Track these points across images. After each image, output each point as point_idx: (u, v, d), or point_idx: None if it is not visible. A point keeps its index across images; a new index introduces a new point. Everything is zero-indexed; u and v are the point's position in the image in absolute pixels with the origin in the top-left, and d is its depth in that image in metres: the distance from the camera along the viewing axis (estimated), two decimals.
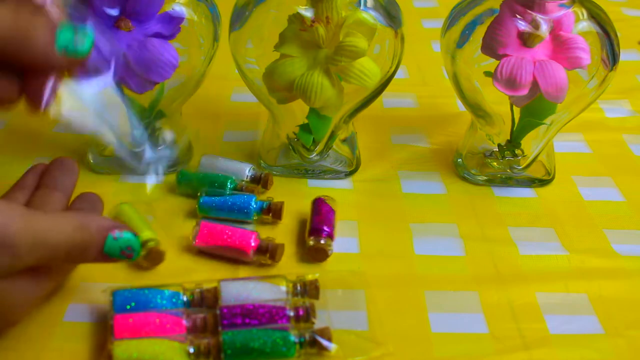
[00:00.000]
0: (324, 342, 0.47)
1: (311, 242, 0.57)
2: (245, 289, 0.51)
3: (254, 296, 0.50)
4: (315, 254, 0.57)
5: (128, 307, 0.49)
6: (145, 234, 0.55)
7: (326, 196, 0.61)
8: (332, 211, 0.60)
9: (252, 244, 0.56)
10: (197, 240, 0.56)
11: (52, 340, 0.49)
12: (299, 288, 0.52)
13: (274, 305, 0.49)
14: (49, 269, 0.45)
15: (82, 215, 0.44)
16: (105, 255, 0.44)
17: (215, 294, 0.50)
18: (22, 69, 0.43)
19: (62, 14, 0.43)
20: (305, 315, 0.49)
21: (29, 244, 0.40)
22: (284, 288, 0.51)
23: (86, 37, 0.43)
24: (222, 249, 0.56)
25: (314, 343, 0.47)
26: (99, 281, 0.54)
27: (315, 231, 0.58)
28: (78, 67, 0.44)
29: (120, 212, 0.58)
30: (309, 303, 0.50)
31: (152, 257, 0.55)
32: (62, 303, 0.52)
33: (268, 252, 0.56)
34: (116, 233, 0.43)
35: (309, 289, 0.52)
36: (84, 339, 0.49)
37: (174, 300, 0.50)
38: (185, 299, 0.50)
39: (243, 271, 0.56)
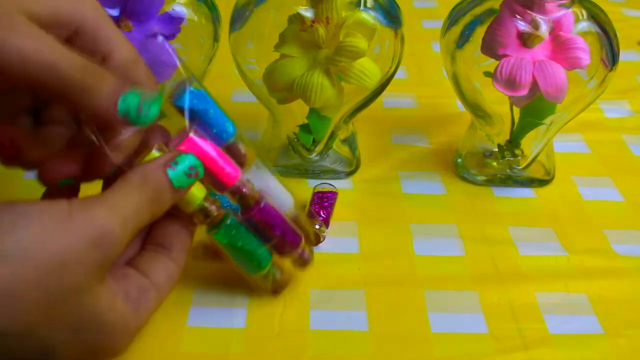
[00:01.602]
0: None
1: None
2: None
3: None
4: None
5: None
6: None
7: (325, 183, 0.63)
8: (331, 199, 0.61)
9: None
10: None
11: None
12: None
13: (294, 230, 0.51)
14: (146, 293, 0.43)
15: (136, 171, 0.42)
16: (178, 189, 0.42)
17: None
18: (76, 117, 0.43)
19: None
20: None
21: (122, 235, 0.39)
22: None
23: (151, 108, 0.42)
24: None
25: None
26: None
27: (312, 216, 0.59)
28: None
29: None
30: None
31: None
32: None
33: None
34: (171, 163, 0.42)
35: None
36: None
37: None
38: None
39: None
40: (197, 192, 0.45)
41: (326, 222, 0.60)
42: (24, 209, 0.37)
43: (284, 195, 0.53)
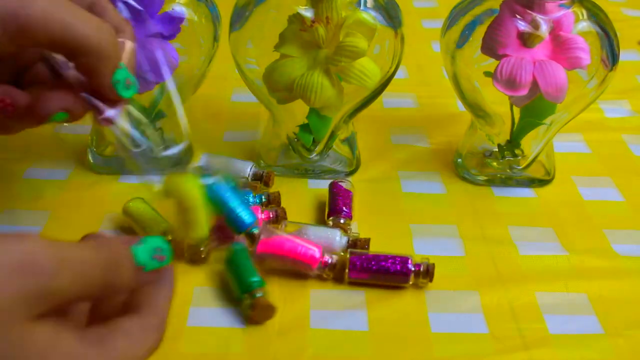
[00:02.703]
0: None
1: (330, 222, 0.60)
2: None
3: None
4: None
5: None
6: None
7: (342, 179, 0.63)
8: (349, 193, 0.62)
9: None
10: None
11: None
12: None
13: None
14: (113, 333, 0.38)
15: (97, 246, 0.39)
16: (140, 268, 0.39)
17: None
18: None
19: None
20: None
21: (54, 267, 0.35)
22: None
23: (133, 86, 0.46)
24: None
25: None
26: None
27: (334, 212, 0.60)
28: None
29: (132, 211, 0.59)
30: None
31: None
32: None
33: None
34: (136, 242, 0.39)
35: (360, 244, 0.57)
36: None
37: None
38: None
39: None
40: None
41: (349, 216, 0.60)
42: None
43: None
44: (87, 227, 0.59)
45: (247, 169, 0.65)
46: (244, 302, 0.52)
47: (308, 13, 0.57)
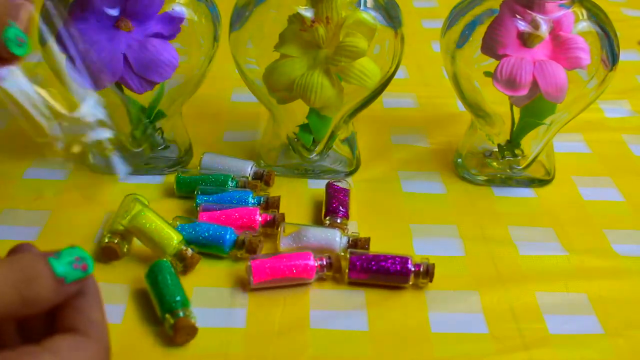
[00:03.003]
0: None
1: (327, 222, 0.60)
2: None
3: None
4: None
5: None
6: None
7: (339, 179, 0.64)
8: (346, 192, 0.62)
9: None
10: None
11: None
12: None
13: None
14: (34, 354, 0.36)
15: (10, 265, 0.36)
16: (61, 279, 0.36)
17: None
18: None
19: None
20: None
21: None
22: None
23: (27, 45, 0.43)
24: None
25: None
26: None
27: (331, 212, 0.60)
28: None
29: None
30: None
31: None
32: None
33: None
34: (53, 254, 0.37)
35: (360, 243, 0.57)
36: None
37: None
38: None
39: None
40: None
41: (346, 216, 0.60)
42: None
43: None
44: (87, 227, 0.59)
45: (248, 168, 0.65)
46: (165, 322, 0.50)
47: (308, 13, 0.57)
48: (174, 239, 0.55)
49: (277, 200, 0.61)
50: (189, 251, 0.55)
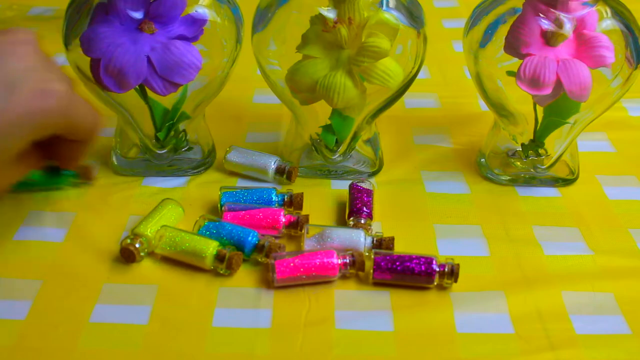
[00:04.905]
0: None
1: (351, 223, 0.60)
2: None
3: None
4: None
5: None
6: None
7: (362, 179, 0.64)
8: (369, 192, 0.62)
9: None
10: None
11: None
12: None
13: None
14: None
15: None
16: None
17: None
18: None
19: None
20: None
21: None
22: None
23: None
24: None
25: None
26: None
27: (354, 212, 0.60)
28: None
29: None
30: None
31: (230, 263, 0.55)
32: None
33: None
34: None
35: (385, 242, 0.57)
36: None
37: None
38: None
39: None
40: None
41: (370, 216, 0.60)
42: None
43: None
44: (111, 230, 0.60)
45: (271, 162, 0.65)
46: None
47: (330, 14, 0.57)
48: (210, 245, 0.55)
49: (301, 196, 0.61)
50: (227, 251, 0.55)
